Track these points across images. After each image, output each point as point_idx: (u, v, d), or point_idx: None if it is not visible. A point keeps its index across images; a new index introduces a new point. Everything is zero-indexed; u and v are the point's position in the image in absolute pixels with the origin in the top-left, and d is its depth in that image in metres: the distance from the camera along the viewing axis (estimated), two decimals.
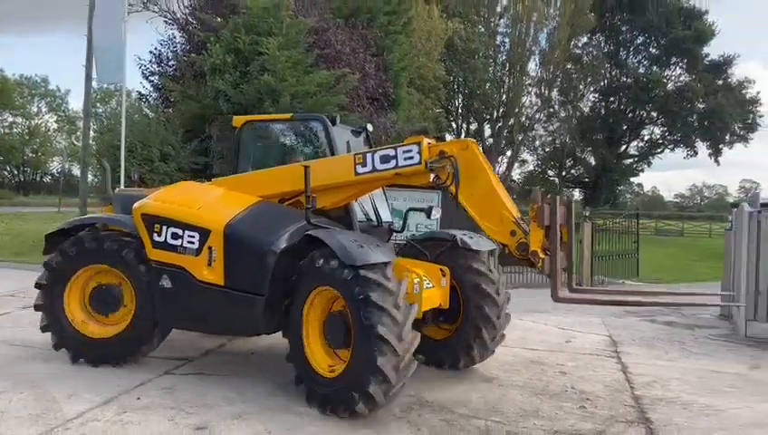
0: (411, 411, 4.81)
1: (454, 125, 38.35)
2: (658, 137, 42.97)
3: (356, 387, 4.39)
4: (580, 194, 45.16)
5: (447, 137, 6.64)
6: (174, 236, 5.35)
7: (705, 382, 5.92)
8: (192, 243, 5.28)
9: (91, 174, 18.47)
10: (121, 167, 13.04)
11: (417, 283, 4.95)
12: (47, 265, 5.84)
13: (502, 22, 38.81)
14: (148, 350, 5.81)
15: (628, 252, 15.20)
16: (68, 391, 5.03)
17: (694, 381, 5.93)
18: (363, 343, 4.35)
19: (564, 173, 46.42)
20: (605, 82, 42.00)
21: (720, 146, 40.37)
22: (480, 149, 5.18)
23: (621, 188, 68.78)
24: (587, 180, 44.91)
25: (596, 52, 40.89)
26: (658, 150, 43.46)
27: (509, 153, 39.70)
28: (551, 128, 43.40)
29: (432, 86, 28.04)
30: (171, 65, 15.86)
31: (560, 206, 4.85)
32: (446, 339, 5.87)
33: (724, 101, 37.19)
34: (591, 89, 42.42)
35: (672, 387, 5.72)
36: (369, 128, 6.67)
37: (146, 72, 16.07)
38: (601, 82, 41.89)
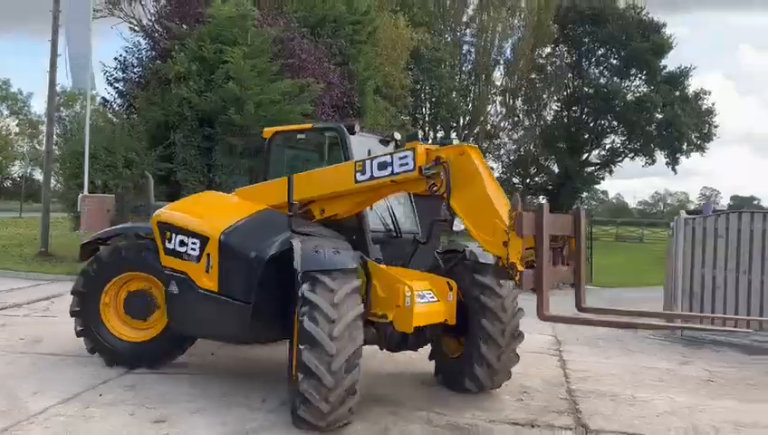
0: (360, 405, 5.15)
1: (421, 133, 38.87)
2: (619, 146, 44.12)
3: (295, 392, 4.40)
4: (544, 200, 46.08)
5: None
6: (181, 243, 5.49)
7: (636, 377, 6.39)
8: (194, 250, 5.38)
9: (54, 179, 18.43)
10: (85, 173, 13.14)
11: (409, 296, 4.74)
12: (84, 273, 6.10)
13: (468, 31, 39.57)
14: (178, 353, 6.07)
15: None
16: (32, 389, 5.25)
17: (625, 376, 6.41)
18: (299, 344, 4.37)
19: (529, 180, 47.24)
20: (568, 91, 42.99)
21: (677, 155, 41.62)
22: (480, 153, 4.86)
23: (587, 194, 70.37)
24: (550, 187, 45.80)
25: (559, 62, 41.86)
26: (619, 159, 44.55)
27: None
28: (515, 136, 44.17)
29: (399, 94, 28.49)
30: (136, 72, 15.98)
31: (567, 216, 4.58)
32: (459, 357, 5.58)
33: (681, 111, 38.41)
34: (555, 98, 43.34)
35: (604, 381, 6.18)
36: (397, 136, 6.31)
37: (110, 79, 16.17)
38: (564, 92, 42.87)
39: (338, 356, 4.25)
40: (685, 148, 41.57)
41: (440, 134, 40.09)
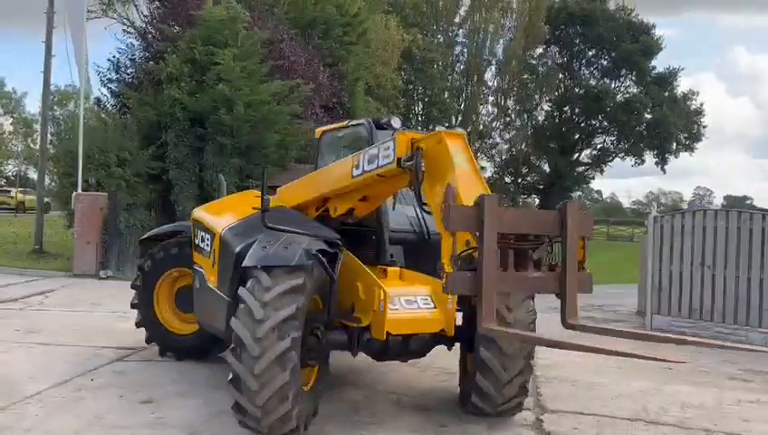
0: (333, 389, 5.51)
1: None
2: (609, 146, 44.64)
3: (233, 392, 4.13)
4: (535, 200, 46.60)
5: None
6: (202, 239, 5.57)
7: (599, 366, 6.76)
8: (207, 246, 5.43)
9: (48, 178, 18.72)
10: (79, 172, 13.45)
11: (382, 300, 4.46)
12: (140, 269, 6.47)
13: (460, 32, 39.93)
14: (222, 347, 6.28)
15: None
16: (27, 374, 5.61)
17: (589, 365, 6.78)
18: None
19: (520, 180, 47.71)
20: (559, 92, 43.44)
21: (666, 155, 42.18)
22: (464, 141, 4.27)
23: (580, 194, 70.84)
24: (542, 187, 46.29)
25: (550, 63, 42.28)
26: (609, 159, 45.13)
27: None
28: (507, 136, 44.60)
29: (390, 95, 28.87)
30: (129, 73, 16.29)
31: (549, 212, 3.80)
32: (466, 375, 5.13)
33: (669, 112, 38.92)
34: (546, 99, 43.81)
35: (568, 368, 6.56)
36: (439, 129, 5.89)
37: (104, 80, 16.48)
38: (555, 92, 43.31)
39: (262, 359, 3.89)
40: (674, 148, 42.16)
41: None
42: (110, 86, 16.55)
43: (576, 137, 44.48)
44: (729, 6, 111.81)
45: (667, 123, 38.98)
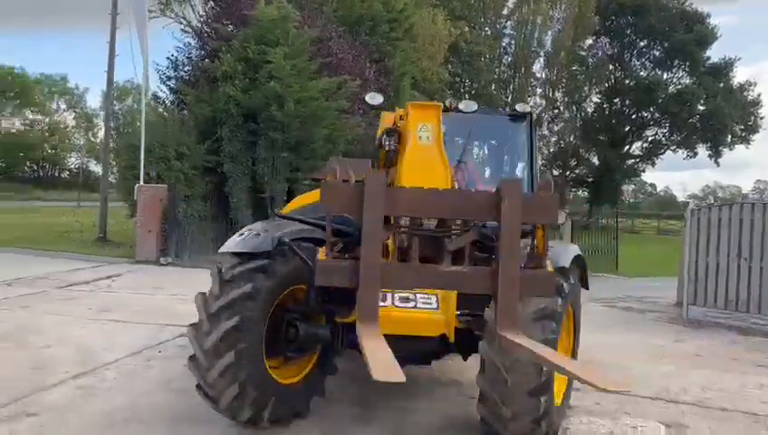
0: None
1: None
2: (661, 138, 43.84)
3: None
4: (584, 193, 46.22)
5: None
6: None
7: (628, 350, 7.07)
8: None
9: (109, 170, 19.85)
10: (141, 165, 14.33)
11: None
12: None
13: (508, 24, 39.85)
14: None
15: (607, 248, 16.30)
16: (103, 346, 6.31)
17: (618, 349, 7.08)
18: None
19: (569, 173, 47.28)
20: (609, 83, 42.87)
21: (720, 147, 41.19)
22: (436, 113, 3.81)
23: (633, 187, 69.50)
24: (591, 180, 45.80)
25: (600, 54, 41.75)
26: (661, 151, 44.33)
27: None
28: (555, 128, 44.27)
29: (437, 88, 29.17)
30: (186, 71, 17.15)
31: (482, 194, 3.28)
32: None
33: (724, 103, 38.00)
34: (596, 90, 43.32)
35: (594, 352, 6.84)
36: (520, 109, 5.20)
37: (163, 77, 17.39)
38: (605, 84, 42.76)
39: (211, 335, 3.89)
40: (728, 140, 41.13)
41: None
42: (168, 83, 17.48)
43: (626, 129, 43.83)
44: None
45: (721, 115, 38.07)
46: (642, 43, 41.73)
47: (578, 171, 47.48)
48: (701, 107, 39.19)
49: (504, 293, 2.94)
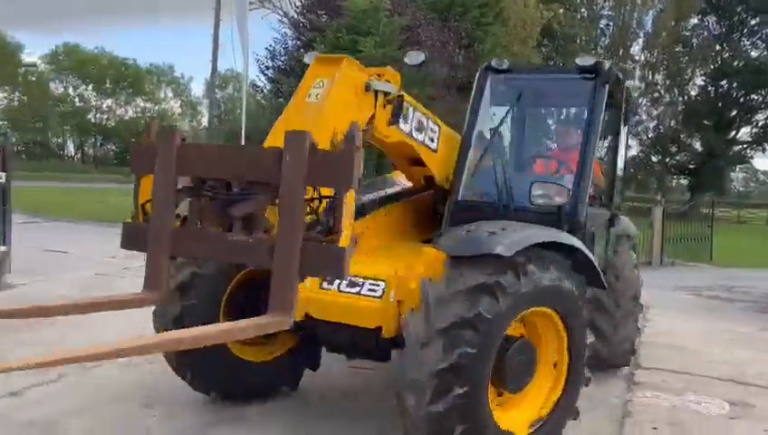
0: None
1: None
2: None
3: None
4: (685, 181, 44.14)
5: None
6: None
7: (708, 337, 7.07)
8: None
9: None
10: None
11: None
12: None
13: (606, 5, 38.61)
14: None
15: (701, 236, 15.79)
16: None
17: (699, 335, 7.10)
18: None
19: (669, 159, 45.30)
20: (715, 65, 40.57)
21: None
22: (342, 68, 3.41)
23: (744, 175, 65.36)
24: (692, 167, 43.66)
25: (706, 34, 39.62)
26: None
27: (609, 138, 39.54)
28: (655, 112, 42.51)
29: None
30: (283, 60, 18.03)
31: (262, 151, 2.81)
32: None
33: None
34: (700, 72, 41.14)
35: (675, 337, 6.94)
36: (580, 63, 4.33)
37: (261, 67, 18.38)
38: (711, 66, 40.51)
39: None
40: None
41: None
42: (266, 73, 18.45)
43: (733, 113, 41.32)
44: None
45: None
46: (753, 22, 39.12)
47: (678, 158, 45.38)
48: None
49: (279, 268, 2.48)
